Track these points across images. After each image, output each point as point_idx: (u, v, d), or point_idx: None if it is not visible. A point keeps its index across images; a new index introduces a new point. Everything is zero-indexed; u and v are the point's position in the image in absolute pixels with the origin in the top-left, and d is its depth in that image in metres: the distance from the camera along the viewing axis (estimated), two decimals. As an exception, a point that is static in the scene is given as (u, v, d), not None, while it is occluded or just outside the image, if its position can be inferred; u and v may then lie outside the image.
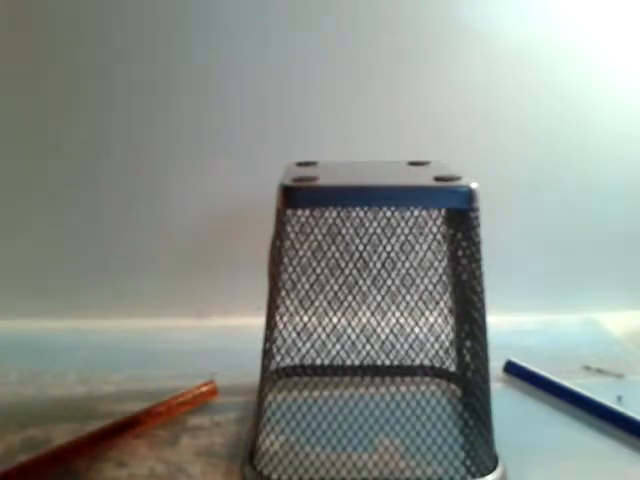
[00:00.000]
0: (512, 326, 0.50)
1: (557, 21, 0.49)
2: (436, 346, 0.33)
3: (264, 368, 0.33)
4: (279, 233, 0.31)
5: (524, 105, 0.51)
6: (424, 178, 0.31)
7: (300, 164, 0.36)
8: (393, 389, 0.36)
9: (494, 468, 0.31)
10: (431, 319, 0.32)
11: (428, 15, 0.49)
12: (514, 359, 0.43)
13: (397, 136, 0.50)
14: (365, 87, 0.50)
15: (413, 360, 0.33)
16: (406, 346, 0.32)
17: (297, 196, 0.30)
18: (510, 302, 0.50)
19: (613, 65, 0.50)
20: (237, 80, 0.49)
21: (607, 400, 0.38)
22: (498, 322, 0.46)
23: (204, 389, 0.40)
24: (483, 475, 0.31)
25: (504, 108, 0.51)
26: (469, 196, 0.29)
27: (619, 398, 0.39)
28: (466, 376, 0.33)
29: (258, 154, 0.50)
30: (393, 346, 0.32)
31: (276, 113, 0.50)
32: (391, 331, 0.32)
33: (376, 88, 0.50)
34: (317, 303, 0.31)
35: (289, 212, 0.30)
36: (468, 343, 0.32)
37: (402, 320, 0.32)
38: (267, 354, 0.33)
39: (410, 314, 0.32)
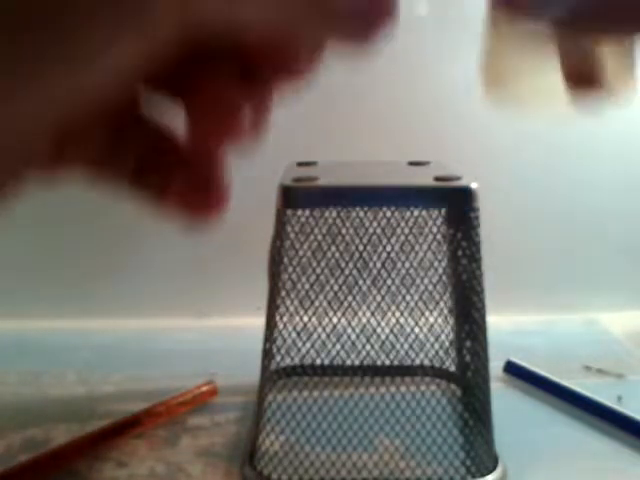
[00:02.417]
0: (512, 326, 0.50)
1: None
2: (436, 346, 0.32)
3: (264, 368, 0.33)
4: (279, 233, 0.31)
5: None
6: (424, 178, 0.31)
7: (300, 164, 0.36)
8: (393, 389, 0.36)
9: (494, 468, 0.31)
10: (431, 319, 0.32)
11: (428, 15, 0.49)
12: (514, 359, 0.43)
13: (397, 136, 0.50)
14: (366, 87, 0.50)
15: (413, 360, 0.33)
16: (406, 346, 0.32)
17: (297, 196, 0.30)
18: (510, 302, 0.50)
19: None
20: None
21: (607, 400, 0.38)
22: (498, 322, 0.46)
23: (204, 389, 0.40)
24: (483, 475, 0.31)
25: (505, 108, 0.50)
26: (469, 196, 0.29)
27: (619, 398, 0.39)
28: (466, 376, 0.33)
29: (258, 154, 0.50)
30: (393, 346, 0.32)
31: (276, 113, 0.50)
32: (391, 331, 0.32)
33: (376, 88, 0.50)
34: (317, 303, 0.31)
35: (289, 212, 0.30)
36: (468, 343, 0.32)
37: (402, 320, 0.32)
38: (267, 354, 0.33)
39: (410, 314, 0.32)
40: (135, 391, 0.41)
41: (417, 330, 0.32)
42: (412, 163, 0.35)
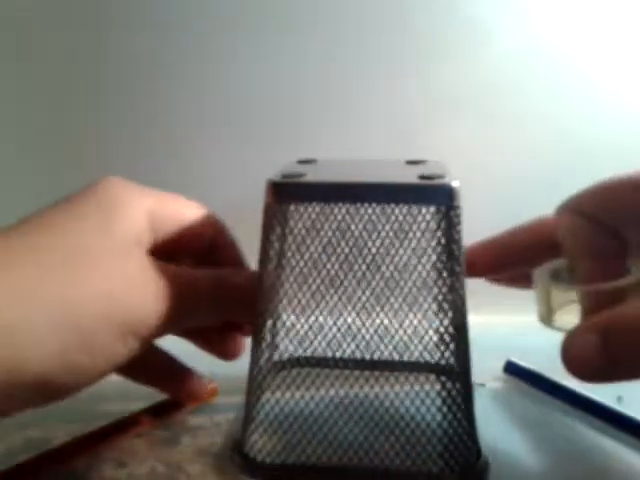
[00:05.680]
0: (512, 326, 0.50)
1: (559, 22, 0.50)
2: (427, 339, 0.33)
3: (254, 360, 0.33)
4: (265, 228, 0.32)
5: (526, 105, 0.51)
6: (409, 176, 0.31)
7: (300, 161, 0.36)
8: (382, 382, 0.37)
9: (477, 460, 0.32)
10: (419, 315, 0.32)
11: (430, 14, 0.49)
12: (514, 359, 0.43)
13: (401, 135, 0.51)
14: (368, 86, 0.50)
15: (401, 355, 0.33)
16: (397, 339, 0.33)
17: (281, 191, 0.30)
18: (510, 302, 0.50)
19: (614, 67, 0.50)
20: (239, 79, 0.50)
21: (607, 400, 0.38)
22: (498, 322, 0.46)
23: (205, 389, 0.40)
24: (464, 468, 0.31)
25: (505, 108, 0.51)
26: (449, 195, 0.29)
27: (619, 398, 0.39)
28: (450, 370, 0.34)
29: (262, 153, 0.50)
30: (383, 343, 0.33)
31: (283, 111, 0.50)
32: (377, 329, 0.33)
33: (378, 87, 0.50)
34: (300, 297, 0.32)
35: (274, 207, 0.31)
36: (450, 337, 0.32)
37: (391, 315, 0.32)
38: (257, 346, 0.33)
39: (401, 307, 0.32)
40: (135, 391, 0.41)
41: (407, 324, 0.32)
42: (409, 162, 0.35)
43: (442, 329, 0.31)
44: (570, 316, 0.31)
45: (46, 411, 0.38)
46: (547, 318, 0.32)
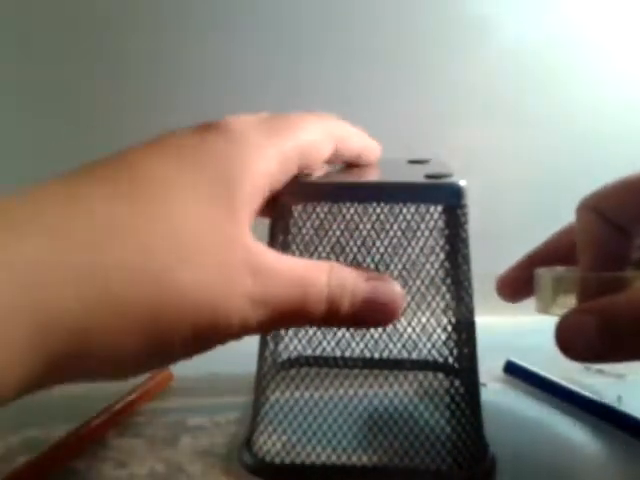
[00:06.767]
0: (512, 326, 0.50)
1: (559, 21, 0.50)
2: (435, 337, 0.33)
3: (262, 359, 0.33)
4: (271, 227, 0.31)
5: (526, 105, 0.51)
6: (415, 175, 0.31)
7: None
8: (391, 380, 0.37)
9: (484, 457, 0.32)
10: (427, 313, 0.32)
11: (435, 12, 0.49)
12: (514, 359, 0.43)
13: (404, 134, 0.51)
14: (369, 87, 0.50)
15: (409, 353, 0.33)
16: (405, 338, 0.33)
17: (290, 191, 0.30)
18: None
19: (617, 65, 0.50)
20: (239, 80, 0.50)
21: (607, 400, 0.38)
22: (498, 322, 0.46)
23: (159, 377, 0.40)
24: (472, 465, 0.31)
25: (506, 108, 0.51)
26: (457, 194, 0.29)
27: (619, 398, 0.39)
28: (457, 368, 0.34)
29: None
30: (393, 341, 0.33)
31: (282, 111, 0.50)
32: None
33: (380, 87, 0.50)
34: None
35: (284, 206, 0.31)
36: (457, 336, 0.32)
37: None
38: (266, 345, 0.33)
39: (409, 307, 0.32)
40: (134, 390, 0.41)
41: (415, 322, 0.32)
42: (412, 161, 0.35)
43: (450, 327, 0.32)
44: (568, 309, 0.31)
45: (46, 411, 0.38)
46: (545, 308, 0.32)
